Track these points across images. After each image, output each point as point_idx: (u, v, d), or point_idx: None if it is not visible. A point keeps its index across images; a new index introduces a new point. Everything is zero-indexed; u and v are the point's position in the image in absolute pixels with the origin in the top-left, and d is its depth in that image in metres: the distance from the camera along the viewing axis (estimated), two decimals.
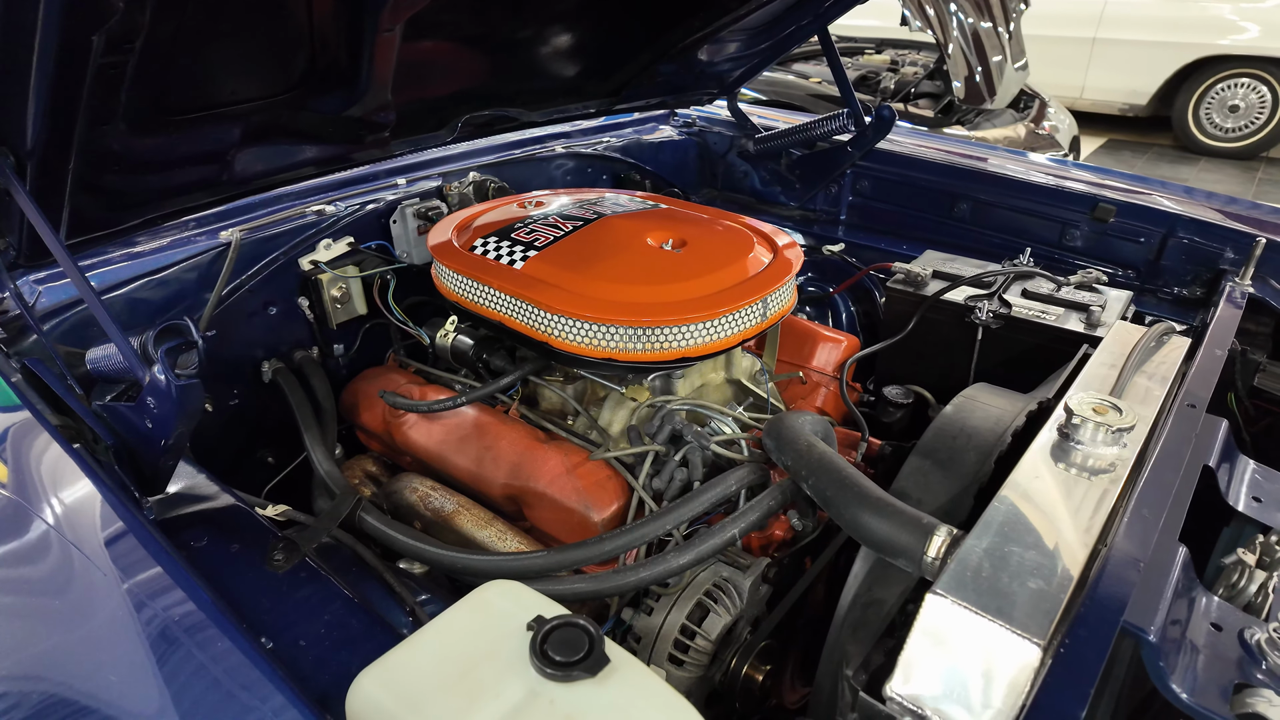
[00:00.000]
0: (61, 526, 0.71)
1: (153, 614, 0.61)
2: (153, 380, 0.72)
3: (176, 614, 0.57)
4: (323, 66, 0.94)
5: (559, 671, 0.62)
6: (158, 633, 0.58)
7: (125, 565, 0.62)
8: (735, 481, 0.98)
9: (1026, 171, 1.70)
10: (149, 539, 0.65)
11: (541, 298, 1.09)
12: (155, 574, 0.61)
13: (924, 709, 0.65)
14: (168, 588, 0.60)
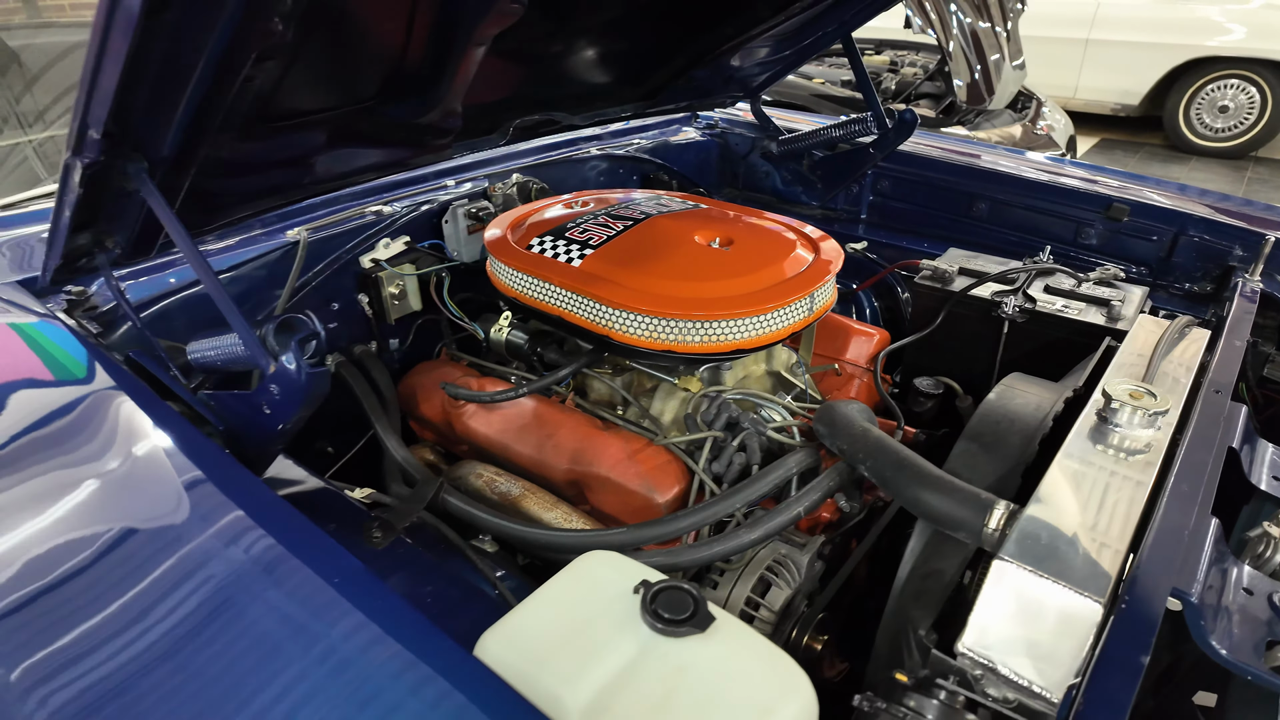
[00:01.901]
0: (191, 506, 0.76)
1: (299, 579, 0.66)
2: (280, 369, 0.78)
3: (335, 578, 0.63)
4: (406, 75, 1.00)
5: (670, 627, 0.68)
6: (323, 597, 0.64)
7: (275, 530, 0.68)
8: (795, 464, 1.04)
9: (1042, 172, 1.78)
10: (291, 510, 0.71)
11: (602, 293, 1.15)
12: (305, 540, 0.68)
13: (994, 662, 0.72)
14: (322, 548, 0.67)
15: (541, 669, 0.67)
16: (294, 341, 0.77)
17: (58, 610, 0.65)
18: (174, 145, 0.78)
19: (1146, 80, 6.30)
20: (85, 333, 1.01)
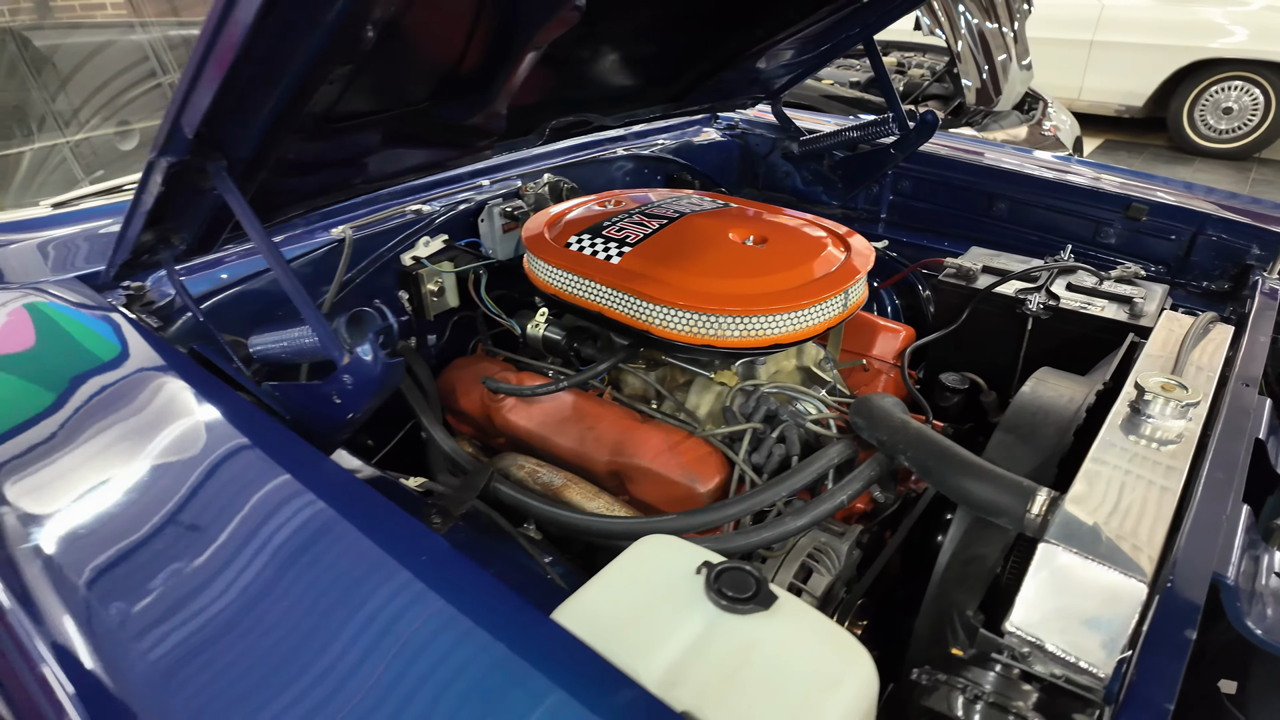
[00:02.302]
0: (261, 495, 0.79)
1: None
2: (355, 360, 0.81)
3: (423, 556, 0.67)
4: (460, 79, 1.04)
5: (735, 605, 0.71)
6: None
7: (361, 512, 0.71)
8: (836, 454, 1.08)
9: (1061, 173, 1.81)
10: (370, 490, 0.75)
11: (643, 289, 1.18)
12: (391, 518, 0.71)
13: (1042, 640, 0.75)
14: (408, 532, 0.70)
15: (613, 643, 0.70)
16: (372, 333, 0.80)
17: (169, 560, 0.68)
18: (252, 146, 0.81)
19: (1151, 82, 6.34)
20: (146, 327, 1.05)
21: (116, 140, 1.75)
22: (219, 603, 0.63)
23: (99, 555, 0.70)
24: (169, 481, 0.75)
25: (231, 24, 0.63)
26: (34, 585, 0.68)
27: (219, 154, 0.81)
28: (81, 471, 0.78)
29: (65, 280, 1.14)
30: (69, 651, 0.64)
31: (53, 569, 0.69)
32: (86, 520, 0.74)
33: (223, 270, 1.23)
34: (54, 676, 0.64)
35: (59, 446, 0.80)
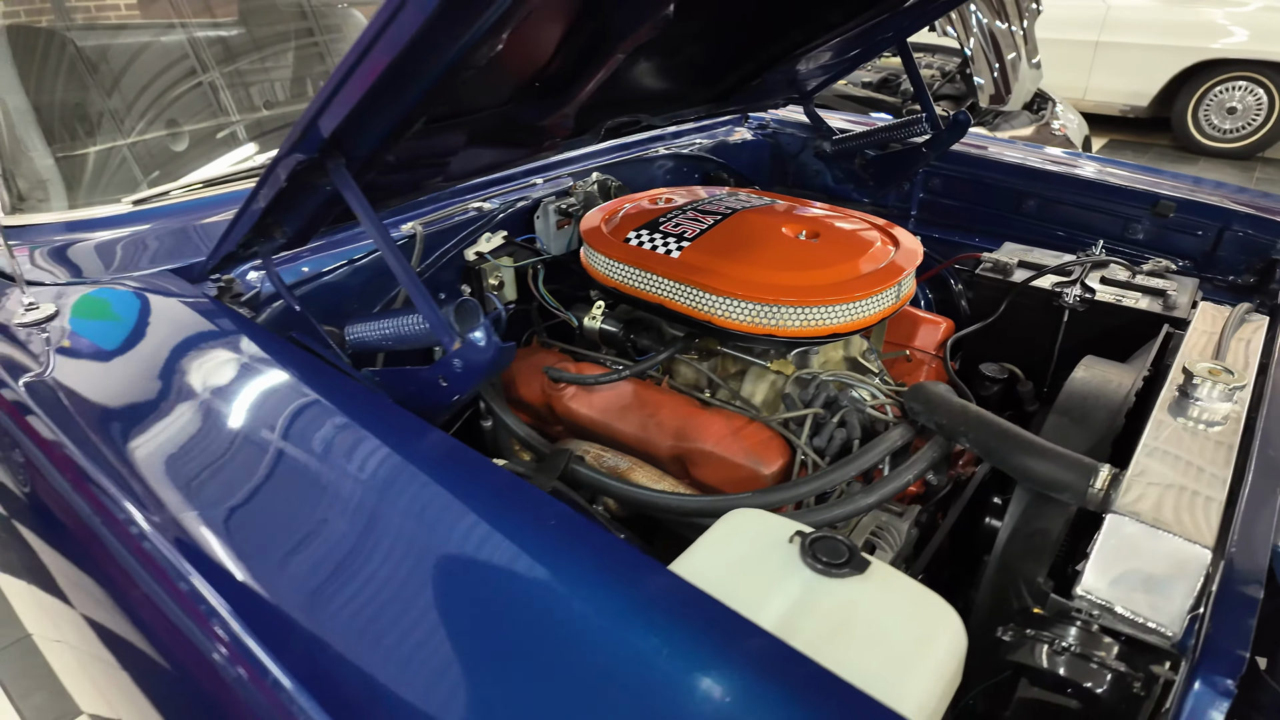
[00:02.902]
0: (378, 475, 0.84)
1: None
2: (468, 344, 0.87)
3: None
4: (545, 81, 1.09)
5: (832, 569, 0.77)
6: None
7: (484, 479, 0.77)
8: (899, 437, 1.14)
9: (1089, 170, 1.87)
10: (488, 459, 0.81)
11: (706, 281, 1.24)
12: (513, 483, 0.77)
13: (1112, 603, 0.81)
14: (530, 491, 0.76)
15: (724, 599, 0.75)
16: (488, 319, 0.86)
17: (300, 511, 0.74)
18: (370, 147, 0.87)
19: (1156, 82, 6.41)
20: (243, 316, 1.10)
21: (169, 141, 1.80)
22: (376, 565, 0.69)
23: (251, 510, 0.75)
24: (309, 449, 0.80)
25: (385, 42, 0.68)
26: (198, 539, 0.74)
27: (339, 153, 0.87)
28: (222, 443, 0.83)
29: (159, 273, 1.19)
30: (246, 590, 0.70)
31: (213, 521, 0.75)
32: (236, 476, 0.80)
33: (304, 264, 1.28)
34: (220, 603, 0.69)
35: (196, 424, 0.86)
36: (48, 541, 0.96)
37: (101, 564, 0.82)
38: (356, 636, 0.63)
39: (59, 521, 0.89)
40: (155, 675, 0.80)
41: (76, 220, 1.34)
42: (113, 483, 0.81)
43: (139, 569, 0.75)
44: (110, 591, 0.82)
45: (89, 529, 0.82)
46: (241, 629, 0.66)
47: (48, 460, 0.89)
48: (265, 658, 0.64)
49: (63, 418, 0.90)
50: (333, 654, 0.63)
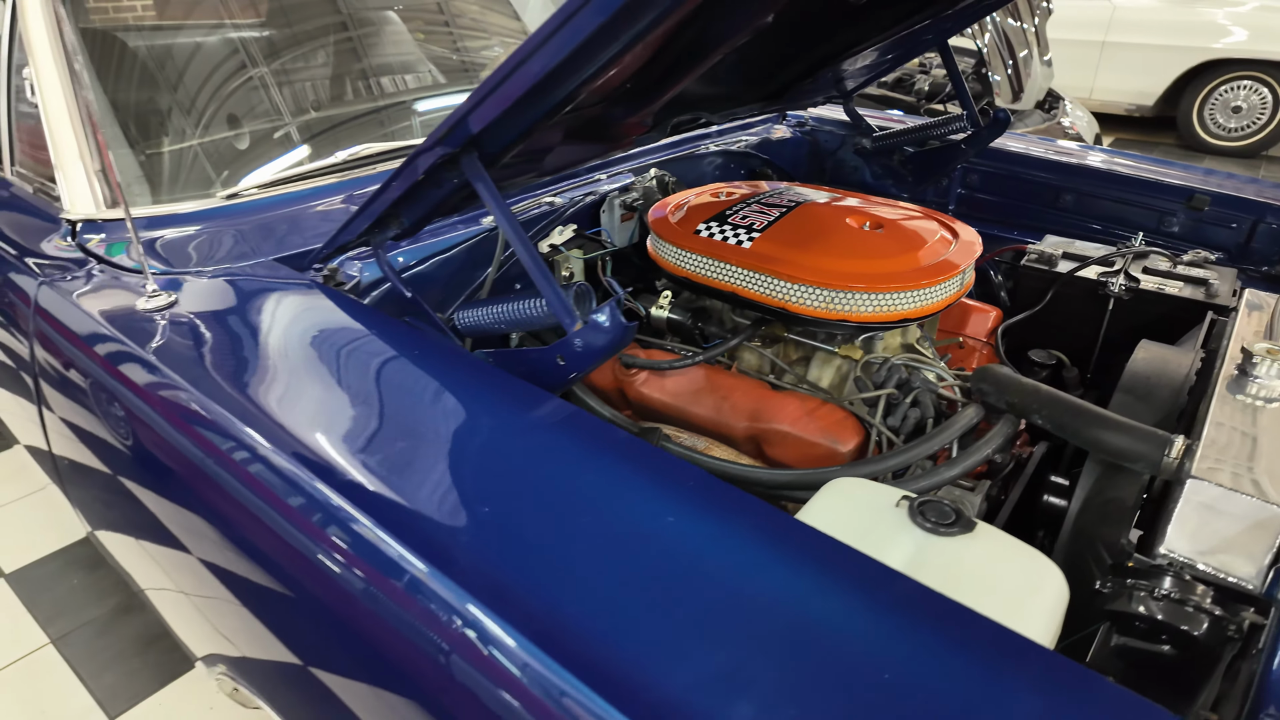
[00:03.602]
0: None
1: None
2: (590, 325, 0.93)
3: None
4: (643, 80, 1.16)
5: (942, 529, 0.84)
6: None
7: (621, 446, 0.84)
8: (975, 415, 1.20)
9: (1125, 166, 1.94)
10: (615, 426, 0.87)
11: (780, 270, 1.31)
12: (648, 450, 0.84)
13: (1193, 560, 0.88)
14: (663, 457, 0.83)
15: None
16: (613, 300, 0.93)
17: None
18: (502, 144, 0.94)
19: (1161, 82, 6.49)
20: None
21: (234, 140, 1.86)
22: (540, 519, 0.75)
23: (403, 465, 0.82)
24: (456, 419, 0.87)
25: (549, 48, 0.75)
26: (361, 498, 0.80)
27: (474, 148, 0.93)
28: (362, 409, 0.89)
29: (265, 262, 1.25)
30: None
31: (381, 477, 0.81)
32: (380, 436, 0.86)
33: (399, 254, 1.35)
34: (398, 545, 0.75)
35: (332, 392, 0.92)
36: (168, 495, 1.02)
37: (230, 509, 0.88)
38: (496, 553, 0.69)
39: (185, 475, 0.95)
40: (277, 604, 0.87)
41: (172, 214, 1.41)
42: (265, 436, 0.87)
43: (279, 512, 0.81)
44: (236, 532, 0.89)
45: (224, 480, 0.88)
46: (393, 545, 0.72)
47: (177, 428, 0.95)
48: (421, 565, 0.70)
49: (196, 382, 0.96)
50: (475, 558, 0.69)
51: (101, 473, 1.16)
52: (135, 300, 1.15)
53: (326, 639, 0.82)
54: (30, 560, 2.29)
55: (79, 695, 1.88)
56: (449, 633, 0.66)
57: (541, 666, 0.61)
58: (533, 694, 0.61)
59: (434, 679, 0.68)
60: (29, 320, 1.26)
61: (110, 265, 1.28)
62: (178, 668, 1.95)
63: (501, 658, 0.63)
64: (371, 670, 0.75)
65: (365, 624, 0.74)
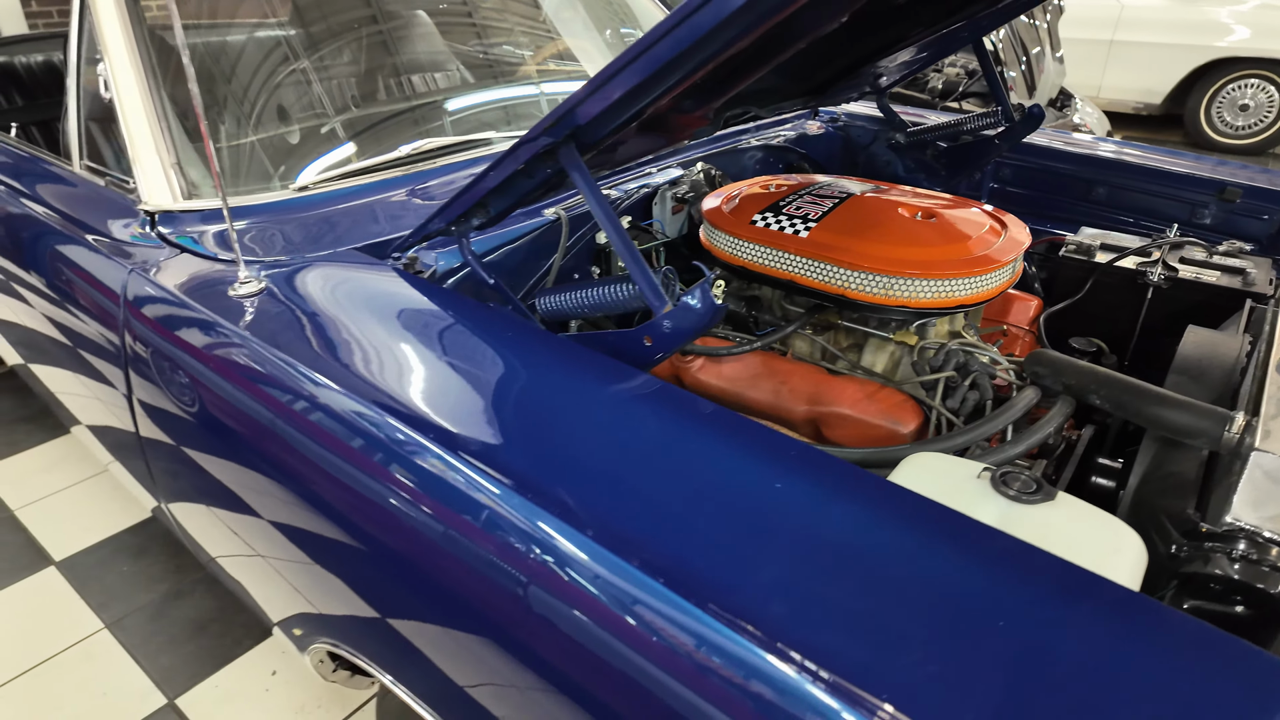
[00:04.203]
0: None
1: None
2: (681, 306, 0.98)
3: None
4: (714, 76, 1.20)
5: (1023, 497, 0.89)
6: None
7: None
8: (1034, 396, 1.25)
9: (1157, 159, 1.99)
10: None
11: (839, 257, 1.36)
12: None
13: (1260, 528, 0.92)
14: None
15: None
16: (705, 282, 0.97)
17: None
18: (596, 136, 0.98)
19: (1169, 80, 6.54)
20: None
21: (287, 136, 1.91)
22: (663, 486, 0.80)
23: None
24: (560, 391, 0.92)
25: (658, 50, 0.80)
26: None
27: (572, 139, 0.98)
28: (482, 387, 0.94)
29: (346, 250, 1.30)
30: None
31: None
32: (481, 410, 0.91)
33: (473, 244, 1.39)
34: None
35: (428, 368, 0.97)
36: (263, 469, 1.07)
37: (333, 484, 0.94)
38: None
39: (283, 452, 1.00)
40: (356, 560, 0.92)
41: (246, 206, 1.45)
42: (375, 409, 0.92)
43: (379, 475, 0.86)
44: (348, 503, 0.94)
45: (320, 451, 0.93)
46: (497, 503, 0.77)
47: (278, 408, 1.00)
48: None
49: (300, 363, 1.01)
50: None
51: (192, 450, 1.21)
52: (227, 287, 1.20)
53: (441, 595, 0.86)
54: (78, 549, 2.33)
55: (137, 677, 1.92)
56: (565, 583, 0.71)
57: (676, 610, 0.66)
58: (671, 637, 0.65)
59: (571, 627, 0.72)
60: (118, 308, 1.31)
61: (193, 254, 1.33)
62: (231, 651, 2.00)
63: (638, 606, 0.68)
64: (496, 621, 0.79)
65: (485, 575, 0.79)
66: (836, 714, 0.58)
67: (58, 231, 1.56)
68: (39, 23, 6.01)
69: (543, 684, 0.75)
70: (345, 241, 1.34)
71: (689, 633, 0.65)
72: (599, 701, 0.71)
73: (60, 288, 1.54)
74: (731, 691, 0.62)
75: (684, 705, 0.64)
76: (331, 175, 1.53)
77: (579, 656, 0.71)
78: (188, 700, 1.87)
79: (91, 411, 1.65)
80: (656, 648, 0.66)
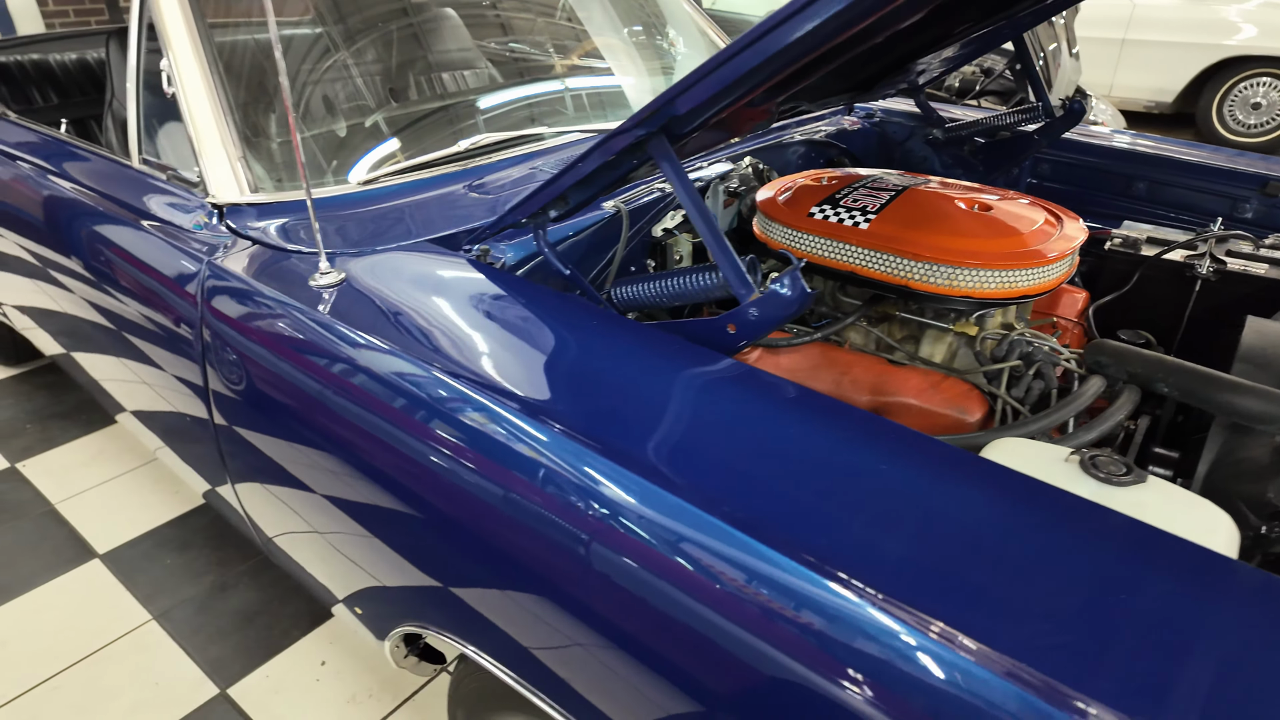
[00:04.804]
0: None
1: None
2: (769, 294, 1.00)
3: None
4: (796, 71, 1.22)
5: (1114, 479, 0.90)
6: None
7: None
8: (1099, 385, 1.27)
9: (1198, 154, 2.01)
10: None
11: (904, 248, 1.37)
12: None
13: None
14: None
15: None
16: (794, 270, 0.99)
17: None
18: (688, 128, 1.00)
19: (1181, 79, 6.56)
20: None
21: (336, 131, 1.93)
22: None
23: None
24: (650, 375, 0.94)
25: (763, 44, 0.82)
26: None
27: (663, 132, 1.00)
28: (576, 372, 0.96)
29: (419, 242, 1.32)
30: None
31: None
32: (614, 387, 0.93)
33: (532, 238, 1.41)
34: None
35: (538, 359, 0.99)
36: (344, 454, 1.09)
37: (420, 471, 0.96)
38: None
39: (368, 438, 1.02)
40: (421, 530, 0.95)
41: (315, 198, 1.47)
42: (468, 391, 0.94)
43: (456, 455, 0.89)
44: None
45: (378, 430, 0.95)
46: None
47: (364, 398, 1.02)
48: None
49: (389, 350, 1.03)
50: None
51: (270, 434, 1.23)
52: (307, 277, 1.22)
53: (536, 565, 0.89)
54: (121, 542, 2.35)
55: (188, 667, 1.94)
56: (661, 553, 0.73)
57: (782, 572, 0.68)
58: (774, 604, 0.67)
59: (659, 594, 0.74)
60: (195, 298, 1.33)
61: (265, 246, 1.35)
62: (278, 642, 2.01)
63: (760, 585, 0.70)
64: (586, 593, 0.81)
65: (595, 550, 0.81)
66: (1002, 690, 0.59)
67: (119, 224, 1.58)
68: (55, 22, 6.02)
69: (643, 650, 0.77)
70: (413, 234, 1.36)
71: (844, 623, 0.66)
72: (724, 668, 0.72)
73: (122, 279, 1.55)
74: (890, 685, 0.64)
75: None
76: (393, 170, 1.55)
77: (688, 626, 0.73)
78: (239, 690, 1.88)
79: (145, 398, 1.67)
80: (785, 629, 0.68)
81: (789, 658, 0.67)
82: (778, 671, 0.68)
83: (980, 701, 0.59)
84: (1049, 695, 0.57)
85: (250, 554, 2.30)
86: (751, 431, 0.84)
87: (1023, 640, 0.61)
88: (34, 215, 1.87)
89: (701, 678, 0.74)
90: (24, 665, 1.94)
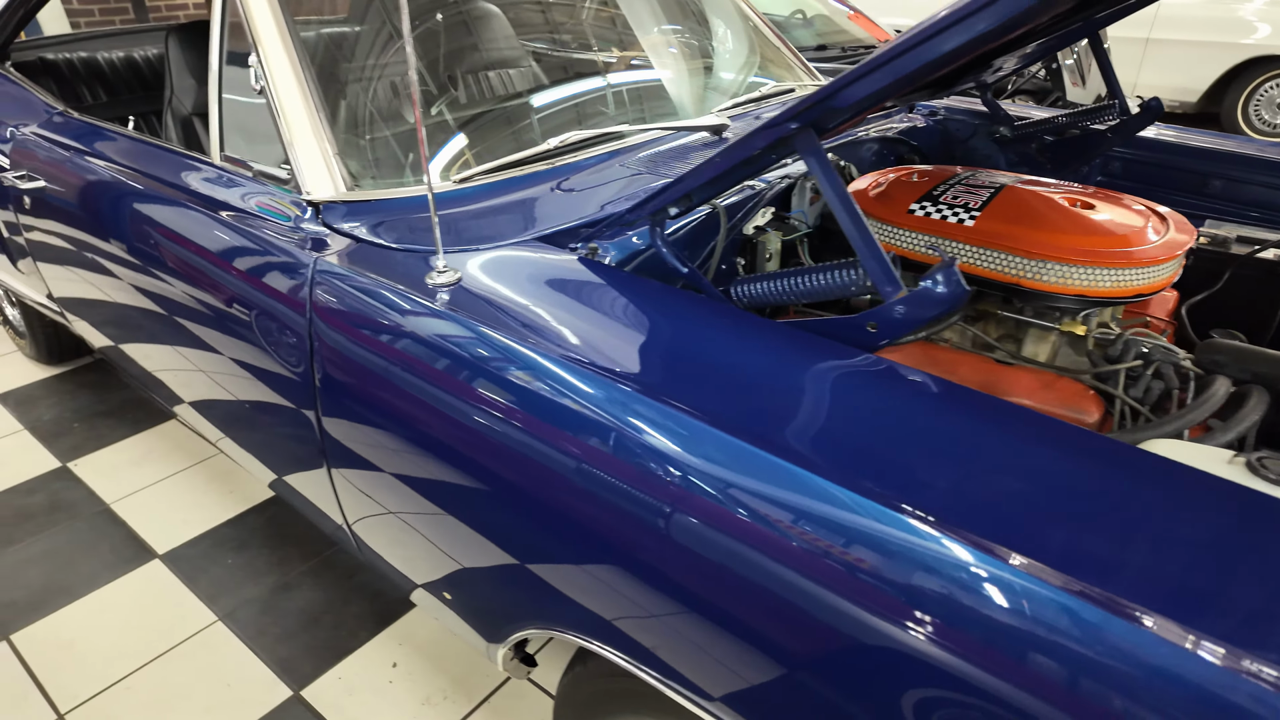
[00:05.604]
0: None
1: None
2: (921, 290, 0.98)
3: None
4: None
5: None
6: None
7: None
8: (1225, 385, 1.25)
9: (1275, 152, 1.99)
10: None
11: (1015, 246, 1.35)
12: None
13: None
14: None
15: None
16: (951, 265, 0.97)
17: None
18: (836, 122, 0.98)
19: (1206, 78, 6.54)
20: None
21: (456, 127, 1.91)
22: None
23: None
24: (798, 370, 0.93)
25: (926, 49, 0.80)
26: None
27: (811, 126, 0.98)
28: (719, 367, 0.95)
29: (528, 240, 1.30)
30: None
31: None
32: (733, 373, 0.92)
33: (633, 235, 1.40)
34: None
35: (675, 355, 0.97)
36: (459, 452, 1.08)
37: (540, 468, 0.94)
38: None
39: (487, 436, 1.01)
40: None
41: (408, 197, 1.45)
42: (600, 391, 0.92)
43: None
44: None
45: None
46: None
47: (485, 398, 1.00)
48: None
49: (522, 347, 1.02)
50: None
51: (378, 429, 1.21)
52: (422, 275, 1.20)
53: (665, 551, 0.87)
54: (180, 542, 2.34)
55: (258, 669, 1.92)
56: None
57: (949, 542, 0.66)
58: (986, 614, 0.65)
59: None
60: (302, 295, 1.31)
61: (369, 244, 1.33)
62: (347, 643, 2.00)
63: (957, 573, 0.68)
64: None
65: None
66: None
67: (205, 220, 1.56)
68: (80, 21, 6.01)
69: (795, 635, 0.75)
70: (524, 230, 1.34)
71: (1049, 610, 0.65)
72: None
73: (208, 275, 1.54)
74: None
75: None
76: (487, 168, 1.53)
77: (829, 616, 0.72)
78: (312, 692, 1.87)
79: (208, 389, 1.66)
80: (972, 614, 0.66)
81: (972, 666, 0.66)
82: (957, 672, 0.66)
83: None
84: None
85: (310, 554, 2.28)
86: (919, 425, 0.83)
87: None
88: (105, 210, 1.85)
89: (885, 680, 0.72)
90: (96, 664, 1.93)
